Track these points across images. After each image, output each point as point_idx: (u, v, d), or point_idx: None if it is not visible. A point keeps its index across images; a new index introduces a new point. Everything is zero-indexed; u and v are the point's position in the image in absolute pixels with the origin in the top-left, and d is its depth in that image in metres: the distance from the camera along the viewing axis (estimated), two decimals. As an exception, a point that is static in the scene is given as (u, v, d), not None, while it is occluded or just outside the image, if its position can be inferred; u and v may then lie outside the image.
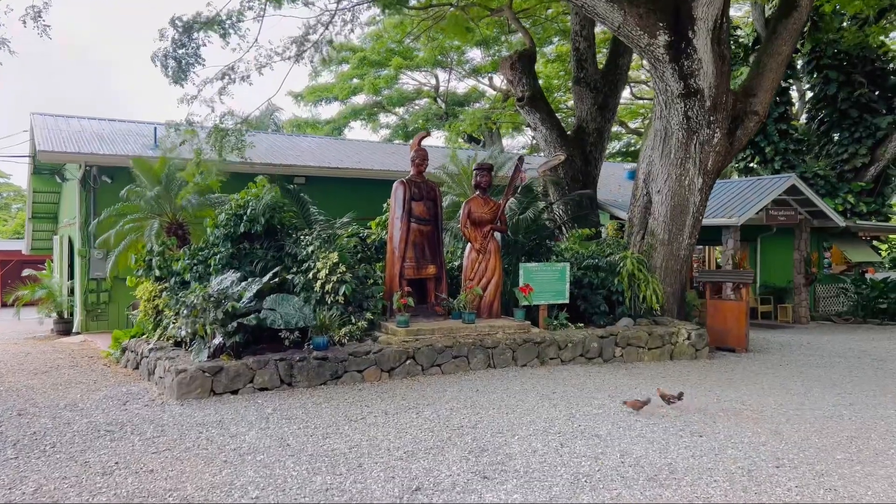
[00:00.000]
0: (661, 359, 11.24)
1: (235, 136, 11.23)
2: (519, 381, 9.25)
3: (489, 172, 11.05)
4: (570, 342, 10.47)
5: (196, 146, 10.93)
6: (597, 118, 17.54)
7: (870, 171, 24.92)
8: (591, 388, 8.86)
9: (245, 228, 10.48)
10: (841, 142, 25.49)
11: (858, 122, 25.05)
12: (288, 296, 8.80)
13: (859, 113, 24.96)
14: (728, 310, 12.35)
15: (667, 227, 12.73)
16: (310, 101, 29.47)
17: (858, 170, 24.96)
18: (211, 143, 11.03)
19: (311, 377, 8.70)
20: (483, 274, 10.87)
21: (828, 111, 25.78)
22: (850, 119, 25.11)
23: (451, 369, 9.60)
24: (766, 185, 17.28)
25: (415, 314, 10.34)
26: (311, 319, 8.50)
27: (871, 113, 24.88)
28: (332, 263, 9.67)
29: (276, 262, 10.52)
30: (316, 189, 17.06)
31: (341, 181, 17.30)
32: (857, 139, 25.08)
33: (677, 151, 12.57)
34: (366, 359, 9.04)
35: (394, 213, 10.58)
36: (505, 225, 11.16)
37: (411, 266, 10.46)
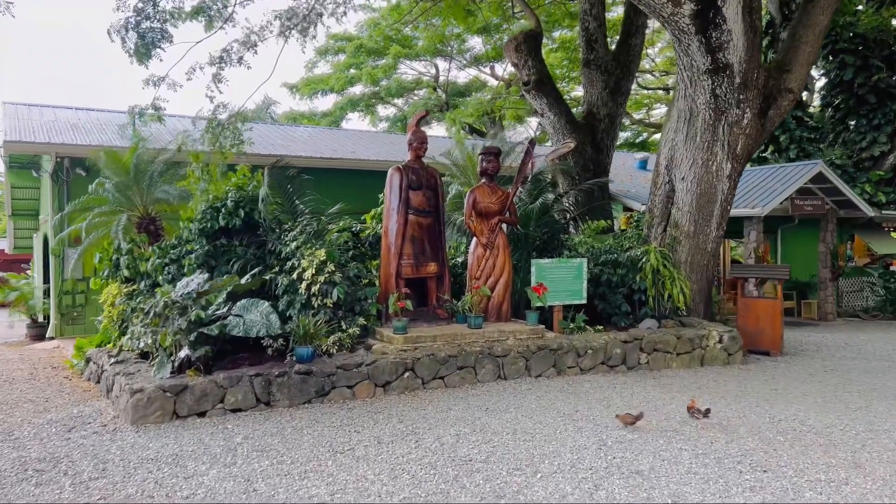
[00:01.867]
0: (690, 365, 9.86)
1: (232, 131, 9.86)
2: (534, 395, 7.88)
3: (497, 157, 9.66)
4: (591, 348, 9.10)
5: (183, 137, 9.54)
6: (608, 103, 16.13)
7: (889, 159, 23.46)
8: (620, 405, 7.49)
9: (223, 223, 9.13)
10: (858, 129, 24.04)
11: (877, 109, 23.61)
12: (258, 301, 7.45)
13: (878, 99, 23.50)
14: (761, 309, 10.98)
15: (692, 218, 11.34)
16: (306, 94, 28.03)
17: (877, 158, 23.52)
18: (208, 140, 9.64)
19: (293, 395, 7.34)
20: (491, 272, 9.50)
21: (844, 97, 24.31)
22: (868, 105, 23.66)
23: (455, 382, 8.23)
24: (790, 173, 15.89)
25: (414, 318, 8.97)
26: (277, 328, 7.14)
27: (890, 98, 23.41)
28: (319, 262, 8.30)
29: (258, 261, 9.17)
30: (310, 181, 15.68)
31: (336, 173, 15.91)
32: (875, 126, 23.63)
33: (703, 134, 11.18)
34: (357, 372, 7.67)
35: (389, 204, 9.20)
36: (515, 216, 9.78)
37: (409, 264, 9.08)
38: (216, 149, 9.57)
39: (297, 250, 8.63)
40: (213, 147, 9.53)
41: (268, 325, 7.09)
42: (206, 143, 9.64)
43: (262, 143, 16.22)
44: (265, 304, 7.35)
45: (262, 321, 7.13)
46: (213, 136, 9.52)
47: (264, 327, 7.07)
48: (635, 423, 6.65)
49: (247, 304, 7.38)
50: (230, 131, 9.72)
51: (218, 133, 9.57)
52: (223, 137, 9.63)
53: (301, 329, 7.63)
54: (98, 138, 14.22)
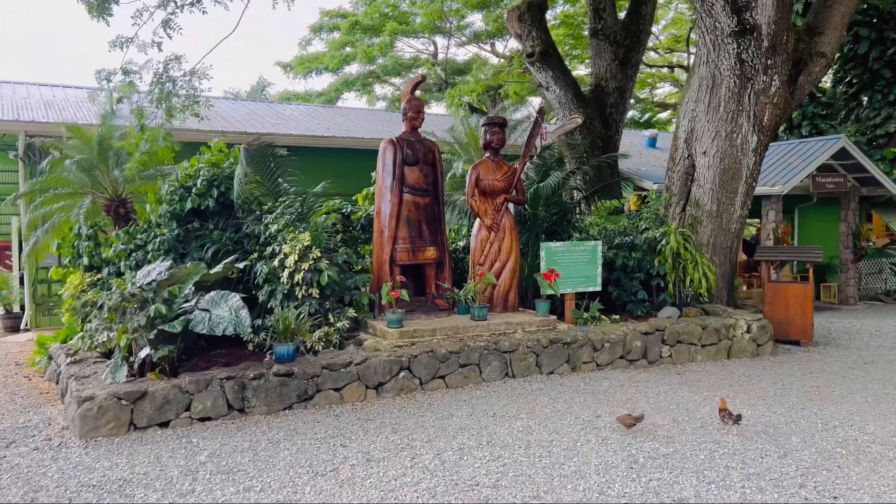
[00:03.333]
0: (717, 358, 8.82)
1: (186, 91, 8.57)
2: (547, 397, 6.84)
3: (502, 129, 8.54)
4: (608, 341, 8.05)
5: (136, 105, 8.31)
6: (617, 75, 14.96)
7: (904, 135, 22.35)
8: (646, 408, 6.45)
9: (194, 204, 8.05)
10: (872, 105, 22.85)
11: (892, 84, 22.40)
12: (227, 293, 6.37)
13: (893, 73, 22.30)
14: (791, 294, 9.91)
15: (715, 196, 10.24)
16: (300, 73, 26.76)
17: (892, 135, 22.39)
18: (154, 100, 8.37)
19: (271, 400, 6.29)
20: (496, 257, 8.43)
21: (858, 72, 23.11)
22: (884, 80, 22.45)
23: (457, 382, 7.19)
24: (811, 149, 14.75)
25: (410, 310, 7.91)
26: (247, 325, 6.08)
27: (906, 73, 22.26)
28: (302, 247, 7.23)
29: (236, 246, 8.10)
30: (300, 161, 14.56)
31: (330, 152, 14.78)
32: (890, 102, 22.45)
33: (728, 103, 10.05)
34: (345, 372, 6.62)
35: (381, 182, 8.10)
36: (523, 195, 8.68)
37: (405, 249, 8.01)
38: (165, 110, 8.35)
39: (278, 234, 7.56)
40: (161, 107, 8.29)
41: (236, 321, 6.03)
42: (154, 101, 8.41)
43: (250, 122, 15.08)
44: (235, 298, 6.28)
45: (231, 317, 6.07)
46: (161, 94, 8.26)
47: (232, 324, 6.01)
48: (636, 424, 5.71)
49: (215, 298, 6.31)
50: (185, 91, 8.46)
51: (168, 92, 8.31)
52: (175, 97, 8.37)
53: (280, 324, 6.57)
54: (73, 116, 13.06)
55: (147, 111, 8.52)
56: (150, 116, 8.43)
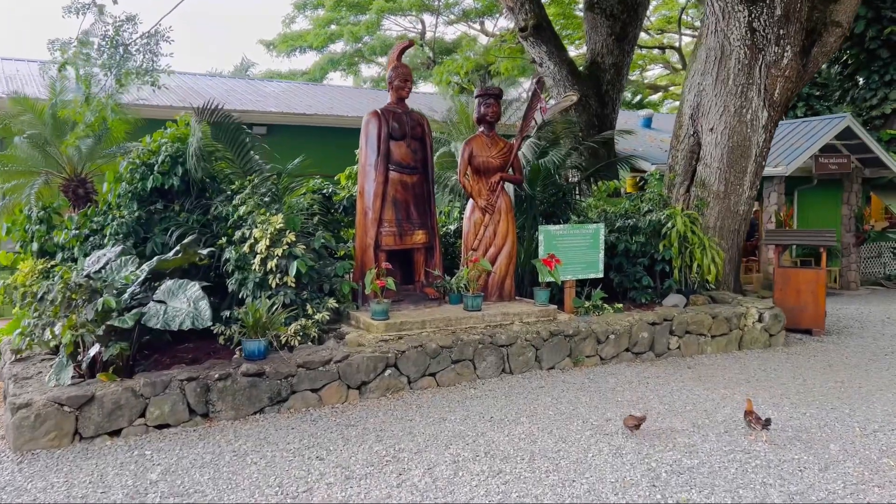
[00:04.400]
0: (727, 349, 8.12)
1: (142, 55, 7.62)
2: (549, 396, 6.10)
3: (497, 101, 7.71)
4: (613, 333, 7.31)
5: (85, 72, 7.36)
6: (614, 51, 14.16)
7: (901, 116, 21.74)
8: (660, 409, 5.72)
9: (156, 183, 7.20)
10: (869, 86, 22.21)
11: (889, 64, 21.75)
12: (186, 283, 5.55)
13: (890, 53, 21.61)
14: (803, 281, 9.22)
15: (722, 176, 9.50)
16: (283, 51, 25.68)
17: (888, 116, 21.78)
18: (105, 65, 7.40)
19: (240, 404, 5.50)
20: (491, 241, 7.64)
21: (854, 52, 22.41)
22: (881, 60, 21.78)
23: (449, 380, 6.43)
24: (814, 128, 14.06)
25: (397, 300, 7.13)
26: (207, 318, 5.25)
27: (903, 53, 21.60)
28: (274, 230, 6.41)
29: (204, 230, 7.27)
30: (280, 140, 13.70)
31: (312, 131, 13.90)
32: (887, 82, 21.81)
33: (737, 76, 9.28)
34: (324, 371, 5.84)
35: (365, 159, 7.27)
36: (520, 173, 7.87)
37: (391, 232, 7.19)
38: (115, 77, 7.41)
39: (248, 216, 6.73)
40: (110, 74, 7.35)
41: (195, 314, 5.21)
42: (104, 67, 7.47)
43: (228, 98, 14.13)
44: (195, 287, 5.46)
45: (189, 310, 5.25)
46: (111, 58, 7.29)
47: (190, 317, 5.20)
48: (640, 425, 5.08)
49: (172, 288, 5.49)
50: (140, 53, 7.49)
51: (120, 57, 7.33)
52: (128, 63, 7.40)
53: (250, 317, 5.76)
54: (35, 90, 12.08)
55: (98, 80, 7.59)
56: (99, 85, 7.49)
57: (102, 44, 7.27)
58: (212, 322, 5.37)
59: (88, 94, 7.09)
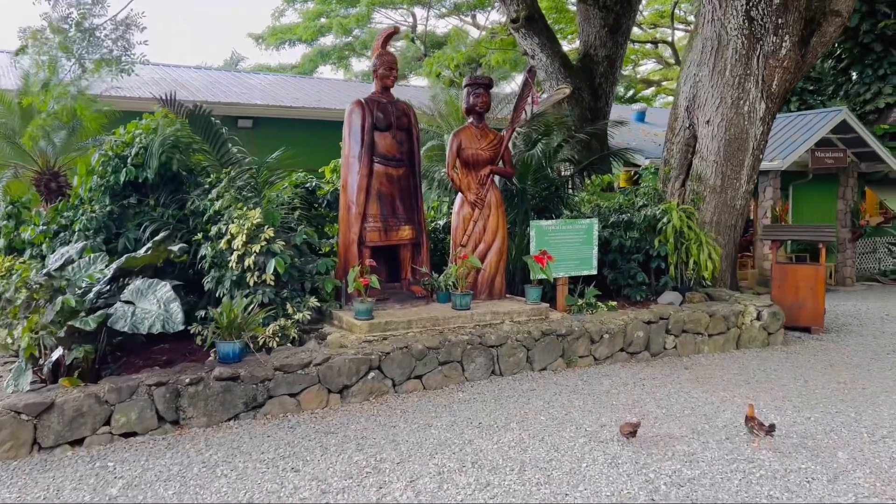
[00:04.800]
0: (725, 348, 7.83)
1: (114, 43, 7.21)
2: (541, 399, 5.78)
3: (487, 90, 7.37)
4: (607, 332, 7.00)
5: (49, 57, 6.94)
6: (607, 43, 13.83)
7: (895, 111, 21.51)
8: (658, 413, 5.42)
9: (130, 176, 6.83)
10: (863, 80, 21.94)
11: (883, 58, 21.49)
12: (156, 282, 5.20)
13: (884, 47, 21.37)
14: (801, 277, 8.94)
15: (719, 169, 9.20)
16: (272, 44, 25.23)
17: (882, 111, 21.52)
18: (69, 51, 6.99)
19: (213, 410, 5.17)
20: (480, 237, 7.32)
21: (847, 46, 22.15)
22: (874, 54, 21.53)
23: (436, 382, 6.10)
24: (810, 122, 13.78)
25: (382, 298, 6.79)
26: (179, 321, 4.90)
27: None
28: (251, 225, 6.07)
29: (180, 225, 6.92)
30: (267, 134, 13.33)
31: (299, 124, 13.51)
32: (881, 76, 21.56)
33: (734, 67, 8.97)
34: (303, 374, 5.50)
35: (348, 151, 6.92)
36: (511, 166, 7.54)
37: (376, 227, 6.85)
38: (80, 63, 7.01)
39: (224, 210, 6.38)
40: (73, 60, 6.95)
41: (165, 317, 4.86)
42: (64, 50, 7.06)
43: (212, 91, 13.74)
44: (165, 288, 5.11)
45: (159, 312, 4.90)
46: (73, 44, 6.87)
47: (160, 320, 4.85)
48: (636, 432, 4.78)
49: (141, 287, 5.13)
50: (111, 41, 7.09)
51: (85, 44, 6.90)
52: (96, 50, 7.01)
53: (224, 317, 5.41)
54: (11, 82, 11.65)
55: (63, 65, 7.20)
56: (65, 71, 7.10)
57: (65, 27, 6.87)
58: (184, 325, 5.02)
59: (49, 81, 6.69)
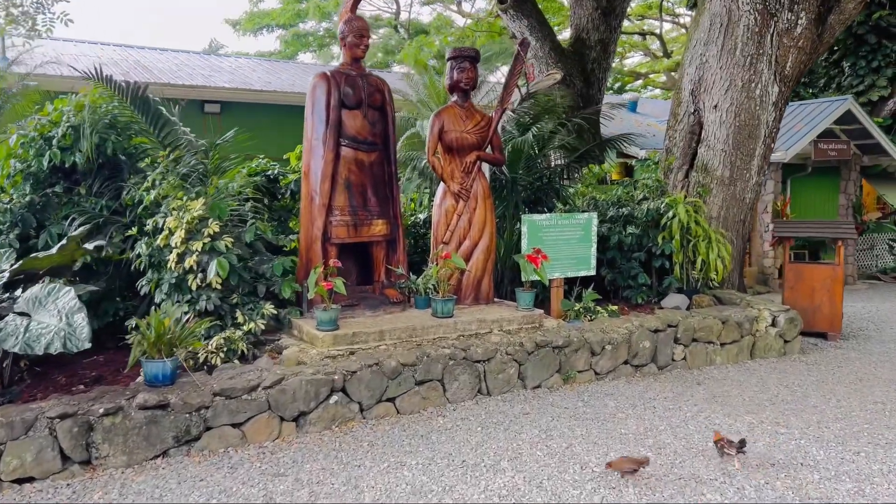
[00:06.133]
0: (738, 358, 6.91)
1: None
2: (536, 426, 4.81)
3: (473, 64, 6.35)
4: (610, 343, 6.04)
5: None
6: (600, 27, 12.86)
7: (888, 104, 20.75)
8: (676, 446, 4.47)
9: (55, 160, 5.75)
10: (856, 72, 21.21)
11: (877, 50, 20.77)
12: (59, 288, 4.16)
13: (878, 39, 20.62)
14: (817, 278, 8.05)
15: (727, 159, 8.27)
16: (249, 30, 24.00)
17: (875, 103, 20.79)
18: None
19: (135, 446, 4.13)
20: (465, 233, 6.32)
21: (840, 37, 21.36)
22: (868, 46, 20.80)
23: (413, 405, 5.10)
24: (813, 111, 12.95)
25: (351, 304, 5.77)
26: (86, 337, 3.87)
27: (891, 39, 20.59)
28: (191, 218, 5.02)
29: (115, 218, 5.85)
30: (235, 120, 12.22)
31: (270, 109, 12.44)
32: (874, 69, 20.82)
33: (746, 46, 8.04)
34: (250, 400, 4.48)
35: (311, 132, 5.87)
36: (500, 152, 6.53)
37: (343, 222, 5.82)
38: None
39: (163, 200, 5.33)
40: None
41: (68, 333, 3.83)
42: None
43: (176, 73, 12.60)
44: (69, 296, 4.07)
45: (60, 326, 3.86)
46: None
47: (60, 337, 3.82)
48: (638, 470, 3.91)
49: (39, 295, 4.09)
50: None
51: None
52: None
53: (152, 331, 4.37)
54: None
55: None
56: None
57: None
58: (91, 343, 3.97)
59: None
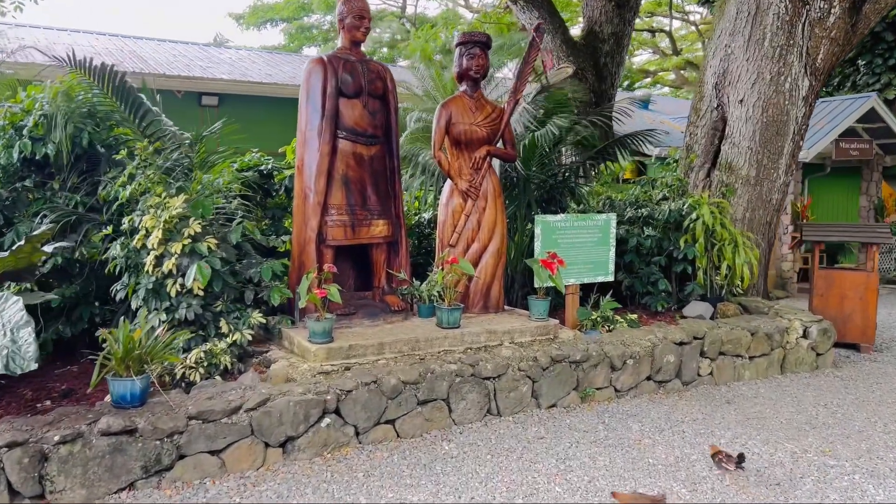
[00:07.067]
0: (768, 373, 6.32)
1: None
2: (553, 454, 4.24)
3: (485, 51, 5.78)
4: (632, 357, 5.47)
5: None
6: (613, 19, 12.26)
7: (905, 103, 20.14)
8: (714, 481, 3.89)
9: (26, 151, 5.21)
10: (872, 70, 20.54)
11: (894, 47, 20.12)
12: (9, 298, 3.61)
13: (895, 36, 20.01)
14: (849, 285, 7.45)
15: (753, 157, 7.68)
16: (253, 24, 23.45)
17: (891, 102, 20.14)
18: None
19: (96, 478, 3.58)
20: (474, 235, 5.75)
21: (857, 35, 20.74)
22: (885, 43, 20.11)
23: (414, 428, 4.54)
24: (835, 109, 12.32)
25: (347, 313, 5.21)
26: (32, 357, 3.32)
27: (908, 36, 19.96)
28: (171, 218, 4.47)
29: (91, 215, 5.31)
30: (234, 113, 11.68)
31: (270, 102, 11.90)
32: (891, 66, 20.15)
33: (775, 36, 7.44)
34: (230, 424, 3.92)
35: (305, 123, 5.30)
36: (513, 146, 5.95)
37: (340, 222, 5.25)
38: None
39: (141, 196, 4.78)
40: None
41: (12, 350, 3.30)
42: None
43: (173, 64, 12.06)
44: (16, 307, 3.53)
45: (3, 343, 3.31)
46: None
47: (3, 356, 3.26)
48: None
49: (-19, 306, 3.53)
50: None
51: None
52: None
53: (120, 345, 3.82)
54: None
55: None
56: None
57: None
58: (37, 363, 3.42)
59: None
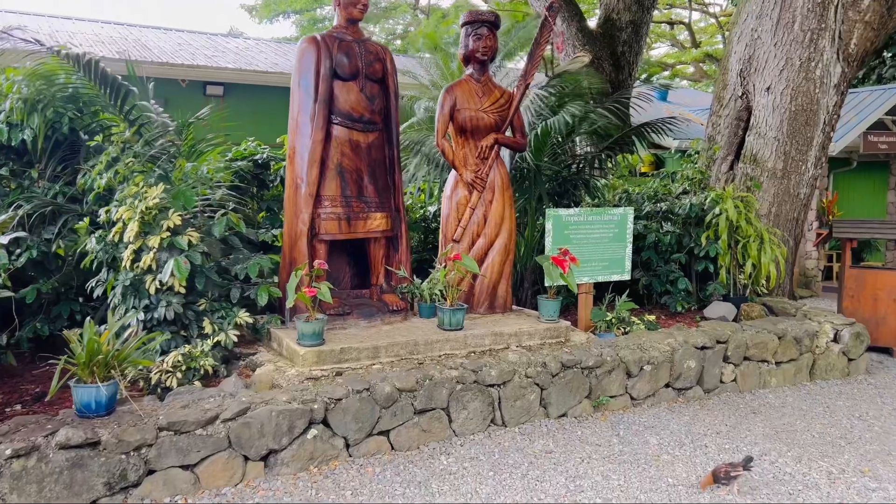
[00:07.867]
0: (796, 380, 5.84)
1: None
2: (564, 473, 3.82)
3: (492, 30, 5.34)
4: (649, 362, 5.02)
5: None
6: (631, 7, 11.75)
7: (933, 97, 19.35)
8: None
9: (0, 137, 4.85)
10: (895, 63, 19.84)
11: (921, 38, 19.38)
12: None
13: (922, 27, 19.25)
14: (882, 286, 6.93)
15: (781, 149, 7.17)
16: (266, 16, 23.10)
17: (917, 96, 19.40)
18: None
19: (52, 495, 3.22)
20: (480, 230, 5.32)
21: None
22: (912, 34, 19.42)
23: (411, 440, 4.13)
24: (864, 100, 11.72)
25: (342, 312, 4.81)
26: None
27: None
28: (149, 209, 4.09)
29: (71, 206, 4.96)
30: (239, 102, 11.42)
31: (275, 92, 11.52)
32: (919, 59, 19.46)
33: (806, 19, 6.92)
34: (205, 436, 3.54)
35: (297, 107, 4.90)
36: (523, 135, 5.51)
37: (334, 214, 4.84)
38: None
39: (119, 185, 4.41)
40: None
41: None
42: None
43: (178, 53, 11.74)
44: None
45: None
46: None
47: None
48: None
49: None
50: None
51: None
52: None
53: (82, 347, 3.45)
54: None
55: None
56: None
57: None
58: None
59: None
